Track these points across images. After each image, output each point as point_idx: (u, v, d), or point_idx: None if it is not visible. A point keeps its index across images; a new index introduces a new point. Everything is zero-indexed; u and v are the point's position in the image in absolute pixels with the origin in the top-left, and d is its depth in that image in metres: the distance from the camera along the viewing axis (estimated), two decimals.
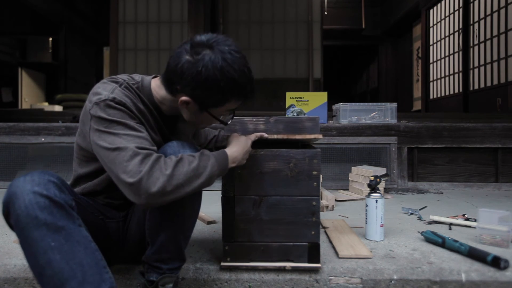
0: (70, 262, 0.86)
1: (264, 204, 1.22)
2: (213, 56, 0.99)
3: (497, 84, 4.47)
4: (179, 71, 1.01)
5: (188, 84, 1.01)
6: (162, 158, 0.95)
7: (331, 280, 1.23)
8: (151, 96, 1.11)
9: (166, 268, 1.11)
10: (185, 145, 1.07)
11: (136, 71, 4.99)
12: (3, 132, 2.88)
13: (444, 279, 1.23)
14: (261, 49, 5.30)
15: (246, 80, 1.04)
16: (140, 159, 0.92)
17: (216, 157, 1.03)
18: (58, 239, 0.86)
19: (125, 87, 1.07)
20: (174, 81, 1.03)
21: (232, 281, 1.24)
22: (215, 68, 0.99)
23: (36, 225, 0.85)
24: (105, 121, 0.98)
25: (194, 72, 0.99)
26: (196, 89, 1.01)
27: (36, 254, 0.86)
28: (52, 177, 0.91)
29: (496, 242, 1.43)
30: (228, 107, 1.08)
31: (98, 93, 1.02)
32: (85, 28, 8.00)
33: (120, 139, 0.95)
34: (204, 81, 0.99)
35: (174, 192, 0.93)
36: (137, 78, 1.13)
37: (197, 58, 0.99)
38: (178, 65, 1.01)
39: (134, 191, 0.91)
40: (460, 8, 5.29)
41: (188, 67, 1.00)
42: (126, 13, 5.07)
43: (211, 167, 1.00)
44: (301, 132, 1.23)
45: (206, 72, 0.99)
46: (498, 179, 2.88)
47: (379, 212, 1.50)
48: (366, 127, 2.89)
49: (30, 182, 0.88)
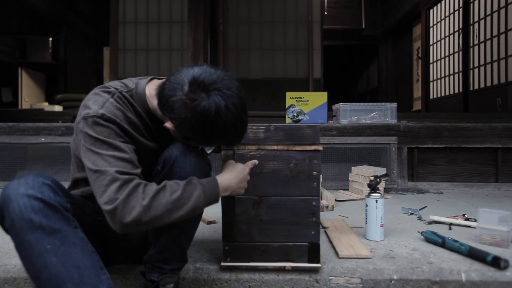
0: (67, 264, 0.86)
1: (264, 204, 1.22)
2: (207, 104, 0.93)
3: (497, 84, 4.47)
4: (170, 104, 0.96)
5: (176, 120, 0.97)
6: (142, 185, 0.92)
7: (331, 280, 1.23)
8: (145, 103, 1.08)
9: (168, 269, 1.11)
10: (190, 147, 1.07)
11: (136, 71, 5.00)
12: (3, 132, 2.88)
13: (444, 279, 1.23)
14: (261, 49, 5.29)
15: (234, 134, 1.00)
16: (118, 186, 0.90)
17: (204, 186, 0.99)
18: (54, 242, 0.86)
19: (118, 97, 1.04)
20: (165, 108, 0.99)
21: (232, 281, 1.24)
22: (206, 118, 0.94)
23: (31, 228, 0.85)
24: (91, 138, 0.96)
25: (184, 115, 0.95)
26: (181, 128, 0.98)
27: (32, 257, 0.85)
28: (46, 180, 0.90)
29: (496, 242, 1.43)
30: (213, 144, 1.09)
31: (88, 106, 0.99)
32: (85, 28, 8.00)
33: (102, 160, 0.93)
34: (192, 126, 0.96)
35: (150, 223, 0.92)
36: (130, 85, 1.09)
37: (191, 103, 0.94)
38: (171, 99, 0.96)
39: (109, 218, 0.90)
40: (460, 8, 5.29)
41: (179, 106, 0.95)
42: (126, 13, 5.07)
43: (196, 199, 0.96)
44: (302, 140, 1.22)
45: (195, 120, 0.95)
46: (498, 179, 2.88)
47: (379, 212, 1.50)
48: (366, 127, 2.89)
49: (24, 185, 0.87)
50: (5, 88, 7.87)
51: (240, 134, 1.03)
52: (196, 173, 1.05)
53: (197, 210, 0.98)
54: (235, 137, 1.02)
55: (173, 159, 1.05)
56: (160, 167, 1.07)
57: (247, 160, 1.20)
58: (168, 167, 1.05)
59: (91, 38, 8.25)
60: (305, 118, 2.93)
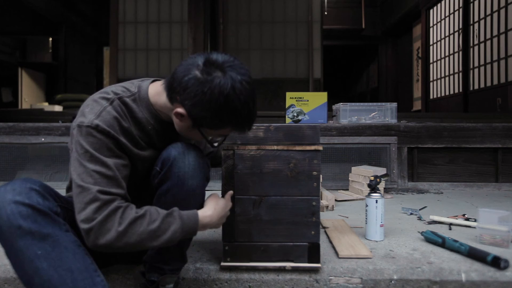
0: (59, 269, 0.86)
1: (264, 204, 1.22)
2: (223, 81, 0.94)
3: (497, 84, 4.47)
4: (184, 84, 0.96)
5: (189, 99, 0.96)
6: (121, 209, 0.93)
7: (331, 280, 1.23)
8: (150, 106, 1.07)
9: (168, 269, 1.11)
10: (189, 147, 1.07)
11: (136, 71, 5.00)
12: (3, 132, 2.88)
13: (444, 279, 1.23)
14: (261, 49, 5.29)
15: (248, 113, 1.00)
16: (97, 206, 0.91)
17: (183, 221, 0.98)
18: (44, 247, 0.85)
19: (117, 104, 1.02)
20: (176, 91, 0.98)
21: (232, 281, 1.24)
22: (221, 94, 0.94)
23: (20, 234, 0.84)
24: (82, 148, 0.95)
25: (199, 91, 0.94)
26: (195, 107, 0.96)
27: (23, 263, 0.85)
28: (34, 185, 0.89)
29: (496, 242, 1.43)
30: (221, 132, 1.04)
31: (84, 114, 0.98)
32: (85, 28, 7.99)
33: (87, 175, 0.93)
34: (206, 103, 0.95)
35: (123, 248, 0.93)
36: (133, 89, 1.07)
37: (206, 78, 0.94)
38: (185, 77, 0.96)
39: (84, 235, 0.91)
40: (460, 8, 5.28)
41: (194, 83, 0.95)
42: (126, 13, 5.07)
43: (172, 233, 0.96)
44: (302, 140, 1.22)
45: (210, 95, 0.94)
46: (498, 179, 2.88)
47: (379, 212, 1.50)
48: (366, 127, 2.89)
49: (11, 192, 0.86)
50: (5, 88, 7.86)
51: (252, 116, 1.02)
52: (194, 174, 1.05)
53: (171, 242, 0.98)
54: (246, 119, 1.01)
55: (171, 160, 1.04)
56: (159, 167, 1.07)
57: (247, 160, 1.20)
58: (166, 167, 1.05)
59: (91, 38, 8.24)
60: (305, 118, 2.93)
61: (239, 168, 1.20)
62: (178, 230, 0.97)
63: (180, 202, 1.04)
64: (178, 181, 1.03)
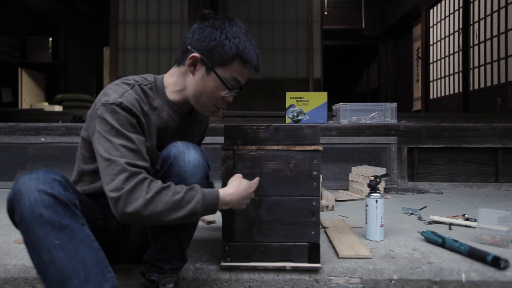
0: (73, 260, 0.87)
1: (264, 204, 1.22)
2: (225, 19, 1.09)
3: (497, 84, 4.47)
4: (190, 31, 1.10)
5: (198, 37, 1.08)
6: (148, 180, 0.96)
7: (331, 280, 1.23)
8: (165, 95, 1.14)
9: (168, 268, 1.11)
10: (189, 145, 1.08)
11: (136, 71, 5.00)
12: (3, 132, 2.88)
13: (444, 279, 1.23)
14: (261, 49, 5.23)
15: (251, 44, 1.10)
16: (126, 176, 0.94)
17: (205, 195, 1.01)
18: (62, 238, 0.86)
19: (137, 89, 1.09)
20: (185, 43, 1.10)
21: (232, 281, 1.24)
22: (224, 25, 1.07)
23: (41, 223, 0.85)
24: (107, 124, 0.99)
25: (205, 26, 1.08)
26: (204, 40, 1.07)
27: (40, 251, 0.86)
28: (57, 176, 0.91)
29: (496, 242, 1.43)
30: (233, 71, 1.10)
31: (108, 94, 1.03)
32: (85, 28, 8.00)
33: (114, 149, 0.97)
34: (214, 31, 1.07)
35: (149, 218, 0.94)
36: (150, 78, 1.15)
37: (210, 19, 1.09)
38: (191, 29, 1.11)
39: (112, 204, 0.94)
40: (460, 8, 5.29)
41: (199, 24, 1.10)
42: (126, 13, 5.07)
43: (195, 204, 0.98)
44: (302, 140, 1.22)
45: (215, 26, 1.07)
46: (498, 179, 2.88)
47: (379, 212, 1.50)
48: (366, 127, 2.89)
49: (36, 180, 0.88)
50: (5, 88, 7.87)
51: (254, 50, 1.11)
52: (194, 172, 1.05)
53: (193, 216, 0.99)
54: (252, 49, 1.10)
55: (172, 158, 1.05)
56: (159, 166, 1.08)
57: (247, 160, 1.20)
58: (167, 166, 1.06)
59: (91, 38, 8.25)
60: (305, 118, 2.94)
61: (239, 168, 1.20)
62: (200, 202, 0.99)
63: None
64: (178, 179, 1.04)
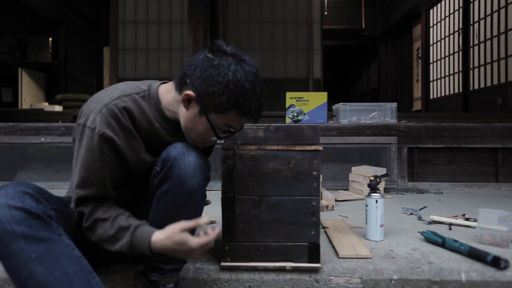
0: (54, 272, 0.86)
1: (264, 204, 1.22)
2: (233, 61, 1.00)
3: (497, 84, 4.47)
4: (194, 64, 1.01)
5: (198, 76, 0.99)
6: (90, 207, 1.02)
7: (331, 280, 1.23)
8: (158, 104, 1.08)
9: (168, 269, 1.11)
10: (189, 147, 1.06)
11: (136, 71, 5.00)
12: (3, 132, 2.88)
13: (444, 279, 1.23)
14: (261, 49, 5.29)
15: (254, 95, 1.01)
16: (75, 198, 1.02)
17: (133, 240, 0.99)
18: (39, 251, 0.85)
19: (124, 100, 1.03)
20: (186, 74, 1.02)
21: (232, 281, 1.24)
22: (230, 69, 0.98)
23: (14, 238, 0.84)
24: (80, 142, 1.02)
25: (209, 65, 0.99)
26: (203, 83, 0.98)
27: (18, 268, 0.85)
28: (27, 188, 0.89)
29: (496, 242, 1.43)
30: (228, 119, 1.02)
31: (91, 110, 1.01)
32: (85, 28, 7.99)
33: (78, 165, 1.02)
34: (215, 76, 0.98)
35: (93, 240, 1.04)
36: (143, 86, 1.10)
37: (216, 57, 1.00)
38: (195, 59, 1.02)
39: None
40: (460, 8, 5.29)
41: (204, 60, 1.00)
42: (126, 13, 5.07)
43: (121, 246, 1.00)
44: (302, 140, 1.22)
45: (219, 69, 0.98)
46: (498, 179, 2.88)
47: (379, 212, 1.50)
48: (366, 127, 2.89)
49: (4, 196, 0.86)
50: (5, 88, 7.86)
51: (258, 100, 1.03)
52: (194, 174, 1.04)
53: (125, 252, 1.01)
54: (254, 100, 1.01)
55: (172, 160, 1.03)
56: (159, 167, 1.06)
57: (247, 160, 1.20)
58: (167, 167, 1.04)
59: (91, 38, 8.24)
60: (305, 118, 2.93)
61: (239, 168, 1.20)
62: (125, 245, 0.99)
63: (180, 202, 1.04)
64: (178, 181, 1.03)
